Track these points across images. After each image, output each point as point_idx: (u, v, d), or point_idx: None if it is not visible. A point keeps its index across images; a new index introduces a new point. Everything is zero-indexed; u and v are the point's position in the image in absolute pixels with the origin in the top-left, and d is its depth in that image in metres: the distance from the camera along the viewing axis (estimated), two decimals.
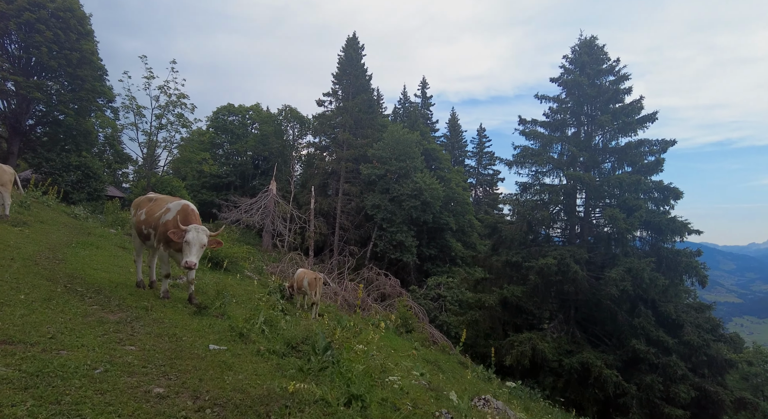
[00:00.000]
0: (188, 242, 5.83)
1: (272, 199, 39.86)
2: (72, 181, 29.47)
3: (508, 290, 17.53)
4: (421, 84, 53.15)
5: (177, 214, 6.26)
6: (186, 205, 6.42)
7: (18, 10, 26.92)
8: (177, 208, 6.36)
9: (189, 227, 5.92)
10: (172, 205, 6.46)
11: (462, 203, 42.14)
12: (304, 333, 5.20)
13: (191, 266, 5.70)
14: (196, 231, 5.89)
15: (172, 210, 6.35)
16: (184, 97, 23.84)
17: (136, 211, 6.97)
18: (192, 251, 5.81)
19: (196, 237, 5.86)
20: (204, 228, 5.98)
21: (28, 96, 28.13)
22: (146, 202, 6.94)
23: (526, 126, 21.33)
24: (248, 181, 54.80)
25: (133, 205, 7.23)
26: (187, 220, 6.14)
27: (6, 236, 9.40)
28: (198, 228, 5.93)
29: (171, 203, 6.53)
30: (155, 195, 7.08)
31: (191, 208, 6.38)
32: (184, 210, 6.29)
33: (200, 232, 5.92)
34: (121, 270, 8.76)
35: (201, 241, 5.89)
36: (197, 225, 5.98)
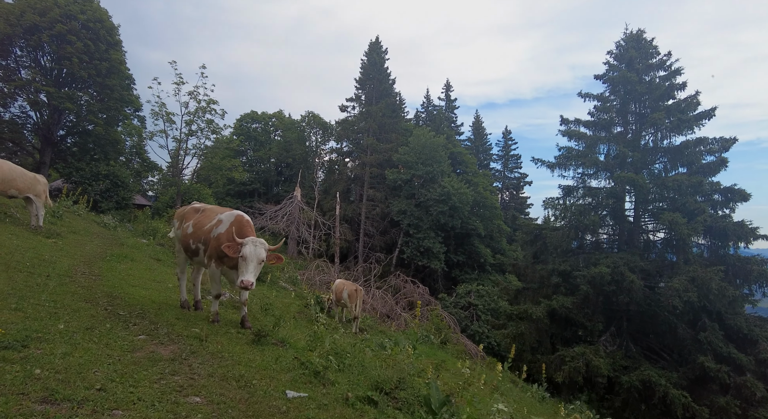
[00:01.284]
0: (245, 258, 5.05)
1: (297, 206, 39.45)
2: (101, 190, 29.60)
3: (557, 301, 16.35)
4: (445, 87, 52.29)
5: (231, 226, 5.51)
6: (240, 216, 5.68)
7: (50, 22, 27.26)
8: (230, 219, 5.63)
9: (245, 240, 5.16)
10: (224, 216, 5.73)
11: (490, 208, 40.89)
12: (394, 374, 4.34)
13: (248, 286, 4.94)
14: (253, 245, 5.13)
15: (225, 222, 5.62)
16: (213, 102, 23.54)
17: (182, 223, 6.25)
18: (249, 268, 5.03)
19: (254, 251, 5.08)
20: (262, 241, 5.24)
21: (60, 107, 28.41)
22: (193, 213, 6.21)
23: (569, 126, 20.17)
24: (271, 188, 54.74)
25: (177, 216, 6.51)
26: (243, 233, 5.40)
27: (40, 249, 8.89)
28: (255, 242, 5.17)
29: (222, 214, 5.81)
30: (202, 205, 6.36)
31: (246, 219, 5.64)
32: (239, 222, 5.55)
33: (258, 246, 5.15)
34: (159, 287, 8.11)
35: (259, 257, 5.10)
36: (254, 238, 5.25)
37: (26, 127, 31.06)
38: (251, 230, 5.52)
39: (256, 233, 24.02)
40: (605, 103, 20.08)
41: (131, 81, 32.97)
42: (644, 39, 19.03)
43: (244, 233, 5.41)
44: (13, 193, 10.64)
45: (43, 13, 27.34)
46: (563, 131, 20.35)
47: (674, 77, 18.14)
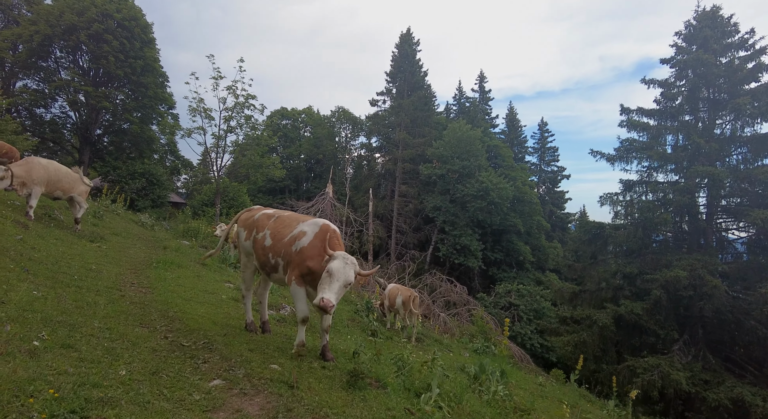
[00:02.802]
0: (331, 273, 4.16)
1: (329, 203, 38.82)
2: (137, 188, 29.70)
3: (625, 306, 14.90)
4: (479, 78, 50.42)
5: (316, 238, 4.61)
6: (326, 226, 4.75)
7: (88, 22, 27.35)
8: (314, 230, 4.71)
9: (337, 253, 4.28)
10: (307, 227, 4.80)
11: (529, 203, 39.13)
12: None
13: (327, 307, 3.95)
14: (343, 261, 4.23)
15: (309, 233, 4.69)
16: (252, 97, 22.90)
17: (252, 233, 5.33)
18: (333, 287, 4.10)
19: (343, 270, 4.17)
20: (354, 260, 4.29)
21: (98, 106, 28.59)
22: (265, 220, 5.25)
23: (630, 115, 18.46)
24: (301, 184, 54.46)
25: (243, 224, 5.58)
26: (331, 247, 4.47)
27: (86, 255, 8.27)
28: (347, 259, 4.26)
29: (305, 223, 4.89)
30: (274, 211, 5.40)
31: (333, 229, 4.70)
32: (325, 233, 4.62)
33: (348, 264, 4.23)
34: (212, 298, 7.32)
35: (347, 278, 4.19)
36: (346, 253, 4.32)
37: (66, 127, 31.52)
38: (339, 243, 4.59)
39: None
40: (670, 89, 18.27)
41: (165, 78, 32.97)
42: (720, 16, 17.10)
43: (332, 247, 4.48)
44: (58, 194, 10.16)
45: (81, 12, 27.44)
46: (624, 121, 18.67)
47: (758, 57, 16.17)
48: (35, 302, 4.46)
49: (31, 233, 7.98)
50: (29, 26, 27.12)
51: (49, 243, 8.04)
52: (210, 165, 25.47)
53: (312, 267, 4.44)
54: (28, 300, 4.43)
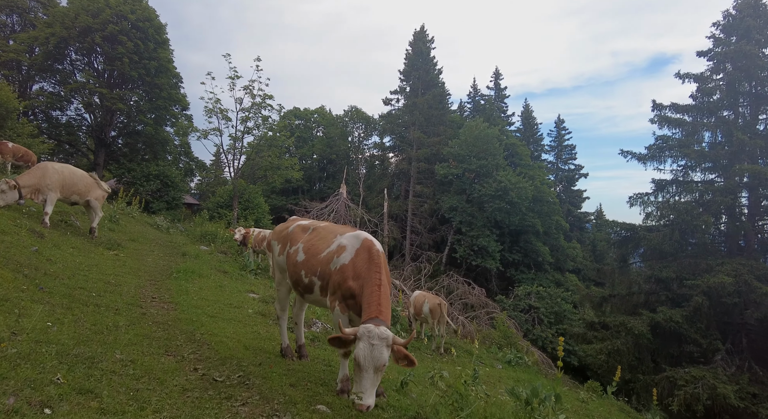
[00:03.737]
0: (358, 363, 3.26)
1: (343, 203, 38.37)
2: (152, 190, 29.50)
3: (662, 313, 14.08)
4: (494, 75, 49.46)
5: (358, 255, 3.93)
6: (368, 241, 4.05)
7: (103, 24, 27.21)
8: (355, 245, 4.04)
9: (359, 332, 3.35)
10: (346, 240, 4.15)
11: (548, 202, 38.17)
12: None
13: (362, 410, 3.15)
14: (369, 343, 3.27)
15: (349, 249, 4.03)
16: (269, 97, 22.42)
17: (285, 247, 4.73)
18: (364, 381, 3.21)
19: (370, 355, 3.25)
20: (384, 331, 3.33)
21: (112, 107, 28.46)
22: (300, 233, 4.64)
23: (663, 111, 17.56)
24: (314, 185, 54.10)
25: (277, 237, 5.01)
26: (370, 269, 3.78)
27: (103, 265, 7.83)
28: (372, 335, 3.29)
29: (343, 236, 4.24)
30: (309, 221, 4.82)
31: (376, 249, 3.99)
32: (367, 250, 3.93)
33: (377, 345, 3.26)
34: (238, 314, 6.80)
35: (377, 362, 3.25)
36: (371, 327, 3.34)
37: (81, 129, 31.53)
38: (382, 265, 3.85)
39: None
40: (706, 83, 17.32)
41: (179, 79, 32.77)
42: (763, 5, 16.11)
43: (372, 271, 3.76)
44: (75, 198, 9.77)
45: (95, 14, 27.32)
46: (655, 118, 17.77)
47: None
48: (50, 329, 3.95)
49: (46, 243, 7.55)
50: (45, 29, 27.10)
51: (66, 253, 7.60)
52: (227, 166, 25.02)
53: (354, 289, 3.80)
54: (42, 327, 3.92)
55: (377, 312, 3.53)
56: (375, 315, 3.51)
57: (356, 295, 3.78)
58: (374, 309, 3.56)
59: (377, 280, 3.69)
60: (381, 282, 3.72)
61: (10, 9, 30.19)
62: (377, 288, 3.68)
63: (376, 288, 3.68)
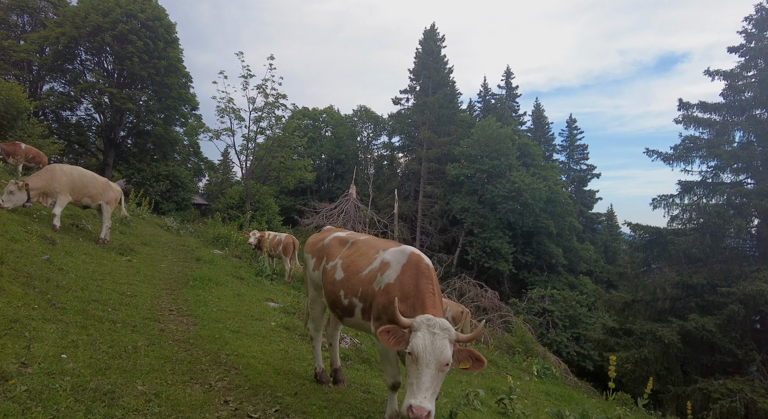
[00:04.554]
0: (415, 356, 2.76)
1: (352, 204, 37.96)
2: (161, 191, 29.26)
3: (694, 321, 13.43)
4: (505, 73, 48.72)
5: (405, 273, 3.43)
6: (416, 256, 3.54)
7: (113, 23, 27.01)
8: (401, 261, 3.53)
9: (416, 321, 2.88)
10: (390, 256, 3.64)
11: (562, 203, 37.44)
12: None
13: (420, 417, 2.57)
14: (429, 333, 2.81)
15: (394, 265, 3.52)
16: (282, 96, 21.99)
17: (321, 262, 4.23)
18: (422, 381, 2.69)
19: (431, 347, 2.76)
20: (445, 323, 2.89)
21: (122, 107, 28.25)
22: (338, 247, 4.15)
23: (690, 110, 16.90)
24: (322, 185, 53.73)
25: (311, 249, 4.51)
26: (420, 289, 3.28)
27: (117, 273, 7.43)
28: (433, 324, 2.84)
29: (387, 251, 3.73)
30: (347, 233, 4.32)
31: (425, 264, 3.49)
32: (415, 266, 3.43)
33: (438, 335, 2.80)
34: (261, 328, 6.35)
35: (440, 357, 2.75)
36: (430, 317, 2.91)
37: (91, 129, 31.39)
38: (434, 281, 3.38)
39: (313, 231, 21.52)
40: (736, 80, 16.64)
41: (188, 79, 32.53)
42: None
43: (422, 290, 3.26)
44: (86, 201, 9.39)
45: (105, 13, 27.12)
46: (681, 117, 17.12)
47: None
48: (63, 358, 3.51)
49: (58, 250, 7.15)
50: (55, 28, 26.95)
51: (78, 260, 7.20)
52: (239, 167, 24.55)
53: (403, 312, 3.33)
54: (55, 354, 3.48)
55: (433, 312, 3.09)
56: (432, 312, 3.08)
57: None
58: (431, 310, 3.15)
59: (431, 300, 3.22)
60: (435, 303, 3.25)
61: (21, 9, 30.12)
62: (436, 289, 3.37)
63: (435, 291, 3.35)
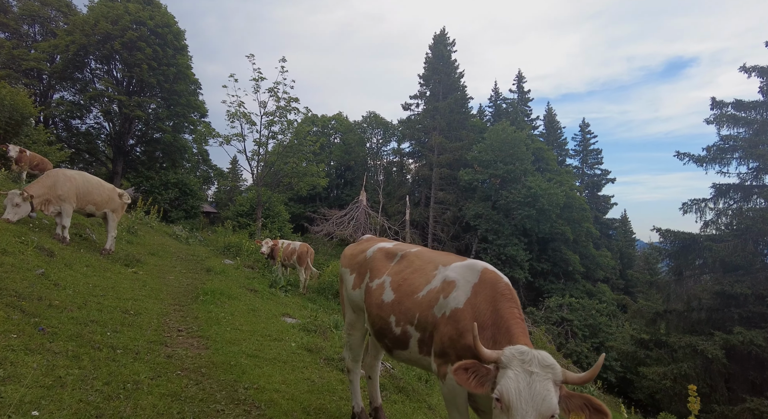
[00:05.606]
0: (506, 403, 2.03)
1: (363, 211, 37.29)
2: (170, 199, 28.84)
3: (741, 335, 12.45)
4: (517, 78, 47.97)
5: (477, 294, 2.69)
6: (490, 273, 2.82)
7: (122, 30, 26.82)
8: (471, 279, 2.79)
9: (505, 355, 2.16)
10: (455, 273, 2.89)
11: (578, 209, 36.41)
12: None
13: None
14: (525, 373, 2.06)
15: (462, 285, 2.78)
16: (294, 100, 21.40)
17: (363, 278, 3.48)
18: None
19: (527, 392, 2.00)
20: (545, 356, 2.12)
21: (131, 115, 27.95)
22: (383, 261, 3.39)
23: (723, 110, 16.03)
24: (331, 192, 53.16)
25: (349, 263, 3.75)
26: (502, 318, 2.53)
27: (121, 287, 6.75)
28: (528, 358, 2.09)
29: (449, 267, 2.98)
30: (394, 244, 3.54)
31: (504, 282, 2.76)
32: (490, 285, 2.71)
33: (537, 376, 2.03)
34: (282, 350, 5.59)
35: (542, 407, 1.97)
36: (523, 348, 2.18)
37: (100, 138, 31.16)
38: (518, 308, 2.64)
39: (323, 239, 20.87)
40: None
41: (197, 86, 32.26)
42: None
43: (504, 315, 2.52)
44: (90, 209, 8.76)
45: (115, 21, 26.94)
46: (714, 117, 16.23)
47: None
48: (46, 397, 2.79)
49: (56, 262, 6.49)
50: (65, 37, 26.80)
51: (78, 274, 6.53)
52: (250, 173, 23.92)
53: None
54: (35, 398, 2.75)
55: (525, 343, 2.35)
56: (524, 343, 2.35)
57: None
58: (522, 339, 2.42)
59: (519, 328, 2.47)
60: (525, 332, 2.50)
61: (32, 19, 30.10)
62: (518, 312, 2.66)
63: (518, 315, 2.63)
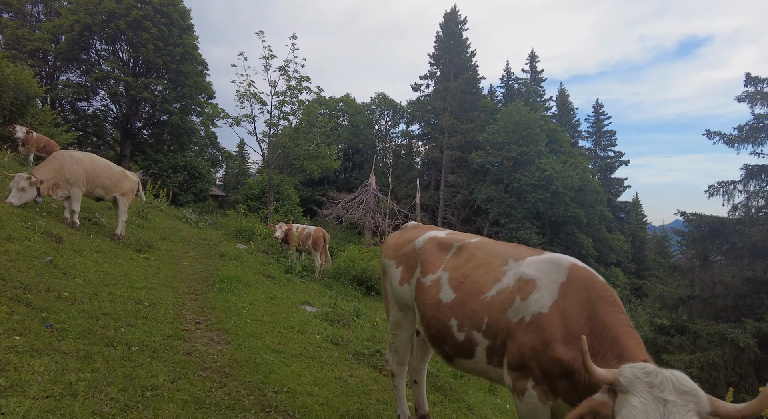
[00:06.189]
0: None
1: (372, 194, 36.79)
2: (179, 182, 28.54)
3: None
4: (530, 57, 46.47)
5: (566, 296, 2.23)
6: (580, 270, 2.35)
7: (126, 9, 26.13)
8: (556, 277, 2.33)
9: (627, 376, 1.69)
10: (533, 269, 2.44)
11: (592, 192, 35.61)
12: None
13: None
14: (654, 398, 1.59)
15: (544, 284, 2.32)
16: (306, 79, 20.66)
17: (413, 271, 3.00)
18: None
19: None
20: (683, 379, 1.63)
21: (138, 97, 27.45)
22: (437, 252, 2.92)
23: (759, 86, 15.14)
24: (339, 175, 52.63)
25: (394, 254, 3.25)
26: (606, 327, 2.06)
27: (133, 274, 6.40)
28: (659, 382, 1.61)
29: (523, 262, 2.52)
30: (448, 232, 3.05)
31: (600, 281, 2.28)
32: (584, 288, 2.23)
33: (672, 403, 1.56)
34: (307, 344, 5.23)
35: None
36: (646, 365, 1.71)
37: (107, 120, 30.78)
38: (624, 314, 2.15)
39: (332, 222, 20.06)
40: None
41: (204, 66, 31.58)
42: None
43: (609, 324, 2.06)
44: (99, 193, 8.39)
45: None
46: (746, 95, 15.35)
47: None
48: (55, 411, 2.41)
49: (65, 249, 6.13)
50: (69, 16, 26.15)
51: (88, 261, 6.18)
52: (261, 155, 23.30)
53: (569, 360, 2.11)
54: (41, 412, 2.37)
55: (645, 359, 1.89)
56: (644, 358, 1.91)
57: (574, 371, 2.07)
58: (639, 354, 1.95)
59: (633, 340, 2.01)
60: (641, 344, 2.04)
61: None
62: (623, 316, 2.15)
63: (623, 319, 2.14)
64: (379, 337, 6.02)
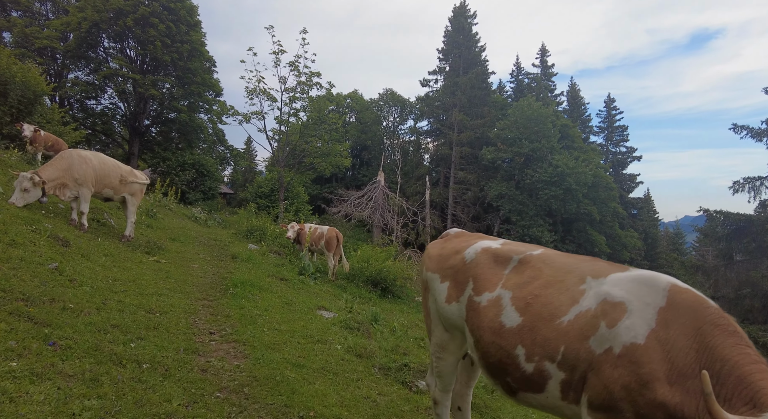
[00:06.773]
0: None
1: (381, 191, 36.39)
2: (187, 180, 28.37)
3: None
4: (540, 51, 45.62)
5: (666, 327, 1.85)
6: (686, 294, 1.95)
7: (134, 5, 25.92)
8: (652, 301, 1.93)
9: None
10: (619, 290, 2.04)
11: (605, 188, 34.92)
12: None
13: None
14: None
15: (637, 309, 1.93)
16: (316, 75, 20.27)
17: (463, 288, 2.63)
18: None
19: None
20: None
21: (145, 94, 27.27)
22: (493, 267, 2.55)
23: None
24: (347, 172, 52.27)
25: (439, 267, 2.88)
26: (729, 363, 1.68)
27: (143, 279, 6.10)
28: None
29: (605, 280, 2.13)
30: (502, 242, 2.72)
31: (713, 308, 1.92)
32: (692, 314, 1.86)
33: None
34: (328, 355, 4.89)
35: None
36: None
37: (115, 118, 30.67)
38: (749, 346, 1.77)
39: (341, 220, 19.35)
40: None
41: (212, 63, 31.31)
42: None
43: (733, 360, 1.68)
44: (107, 193, 8.12)
45: None
46: None
47: None
48: None
49: (72, 253, 5.84)
50: (77, 13, 26.01)
51: (96, 266, 5.88)
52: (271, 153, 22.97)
53: (675, 405, 1.73)
54: None
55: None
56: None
57: (684, 418, 1.69)
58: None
59: (763, 377, 1.64)
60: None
61: None
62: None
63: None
64: (404, 347, 5.66)
